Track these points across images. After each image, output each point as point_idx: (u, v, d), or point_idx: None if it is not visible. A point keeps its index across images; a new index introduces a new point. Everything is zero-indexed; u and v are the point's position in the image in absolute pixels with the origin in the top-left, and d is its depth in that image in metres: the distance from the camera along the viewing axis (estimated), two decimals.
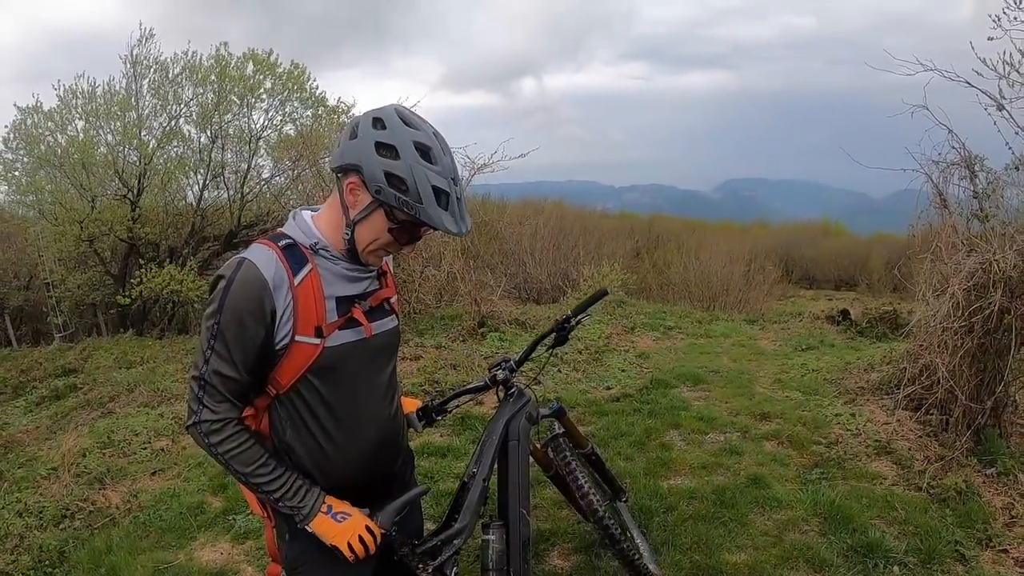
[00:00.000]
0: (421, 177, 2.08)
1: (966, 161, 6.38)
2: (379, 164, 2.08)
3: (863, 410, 6.92)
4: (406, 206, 2.09)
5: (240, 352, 2.13)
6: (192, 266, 13.42)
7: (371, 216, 2.18)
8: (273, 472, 2.22)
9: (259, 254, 2.16)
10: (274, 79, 14.66)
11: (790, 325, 11.92)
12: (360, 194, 2.16)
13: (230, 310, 2.10)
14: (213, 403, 2.15)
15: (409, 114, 2.19)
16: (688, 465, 5.94)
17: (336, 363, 2.27)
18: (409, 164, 2.08)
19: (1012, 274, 5.54)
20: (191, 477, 6.21)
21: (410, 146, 2.10)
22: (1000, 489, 5.32)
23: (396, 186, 2.08)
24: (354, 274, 2.32)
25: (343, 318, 2.27)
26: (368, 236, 2.21)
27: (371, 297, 2.38)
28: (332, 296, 2.26)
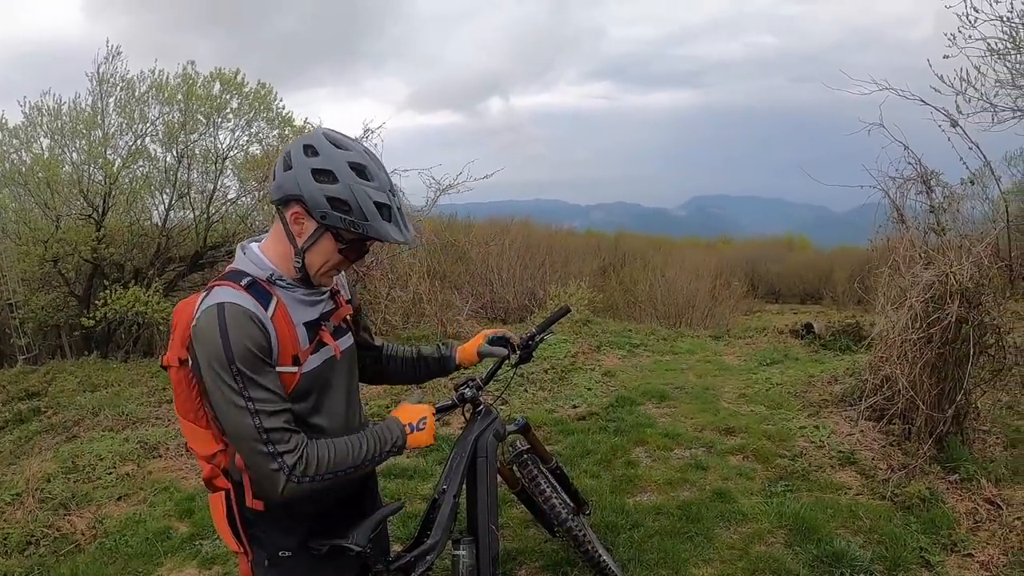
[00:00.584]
0: (362, 195, 2.14)
1: (922, 176, 6.51)
2: (319, 190, 2.12)
3: (827, 422, 6.97)
4: (353, 226, 2.15)
5: (272, 382, 2.14)
6: (157, 287, 13.27)
7: (319, 241, 2.22)
8: (362, 444, 2.32)
9: (228, 295, 2.16)
10: (241, 99, 14.58)
11: (755, 340, 11.97)
12: (305, 222, 2.20)
13: (241, 352, 2.08)
14: (288, 446, 2.13)
15: (338, 136, 2.24)
16: (654, 481, 5.95)
17: (312, 386, 2.32)
18: (348, 185, 2.13)
19: (969, 285, 5.64)
20: (156, 502, 6.14)
21: (345, 167, 2.15)
22: (964, 495, 5.38)
23: (340, 209, 2.14)
24: (311, 298, 2.35)
25: (313, 343, 2.31)
26: (319, 260, 2.25)
27: (332, 317, 2.43)
28: (300, 323, 2.29)
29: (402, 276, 11.59)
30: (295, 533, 2.42)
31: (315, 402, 2.34)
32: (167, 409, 8.48)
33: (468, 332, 10.97)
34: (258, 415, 2.09)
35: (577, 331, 11.86)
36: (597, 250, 27.78)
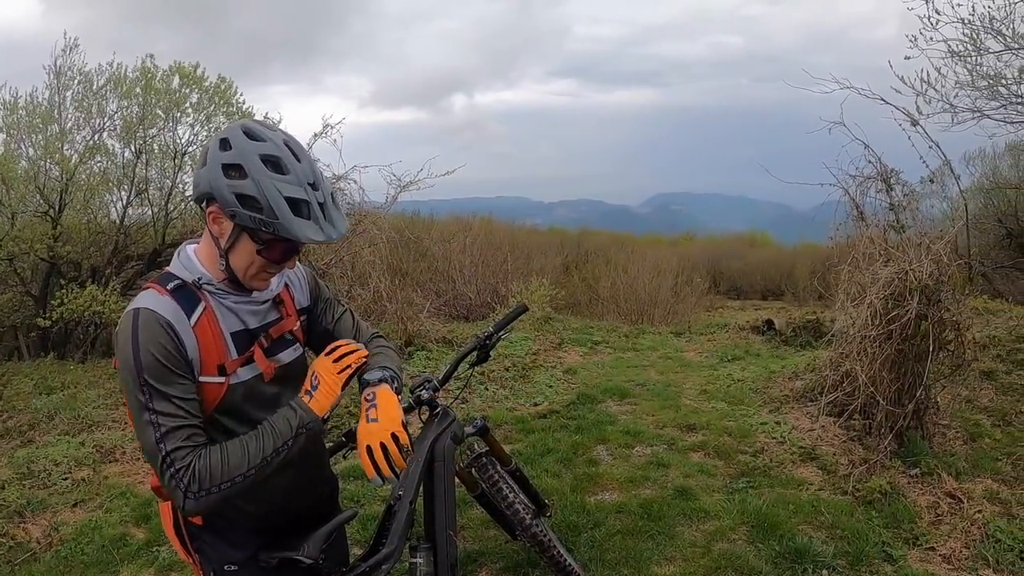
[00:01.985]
0: (271, 190, 1.98)
1: (882, 175, 6.57)
2: (228, 187, 1.99)
3: (788, 418, 7.01)
4: (264, 224, 1.99)
5: (181, 394, 2.02)
6: (115, 286, 13.03)
7: (238, 242, 2.08)
8: (259, 440, 2.10)
9: (149, 299, 2.07)
10: (200, 93, 14.34)
11: (716, 336, 12.01)
12: (222, 221, 2.07)
13: (149, 363, 1.98)
14: (184, 462, 2.00)
15: (256, 127, 2.10)
16: (615, 480, 5.92)
17: (243, 400, 2.20)
18: (256, 180, 1.98)
19: (928, 282, 5.68)
20: (113, 508, 6.02)
21: (256, 161, 2.00)
22: (925, 489, 5.43)
23: (249, 206, 1.99)
24: (246, 306, 2.23)
25: (245, 355, 2.20)
26: (242, 262, 2.12)
27: (272, 328, 2.31)
28: (229, 332, 2.18)
29: (362, 274, 11.48)
30: (243, 546, 2.32)
31: (247, 417, 2.21)
32: (123, 412, 8.34)
33: (429, 330, 10.90)
34: (159, 429, 1.98)
35: (538, 328, 11.84)
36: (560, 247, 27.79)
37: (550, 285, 14.88)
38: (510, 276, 17.08)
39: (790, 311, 15.73)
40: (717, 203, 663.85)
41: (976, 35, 7.88)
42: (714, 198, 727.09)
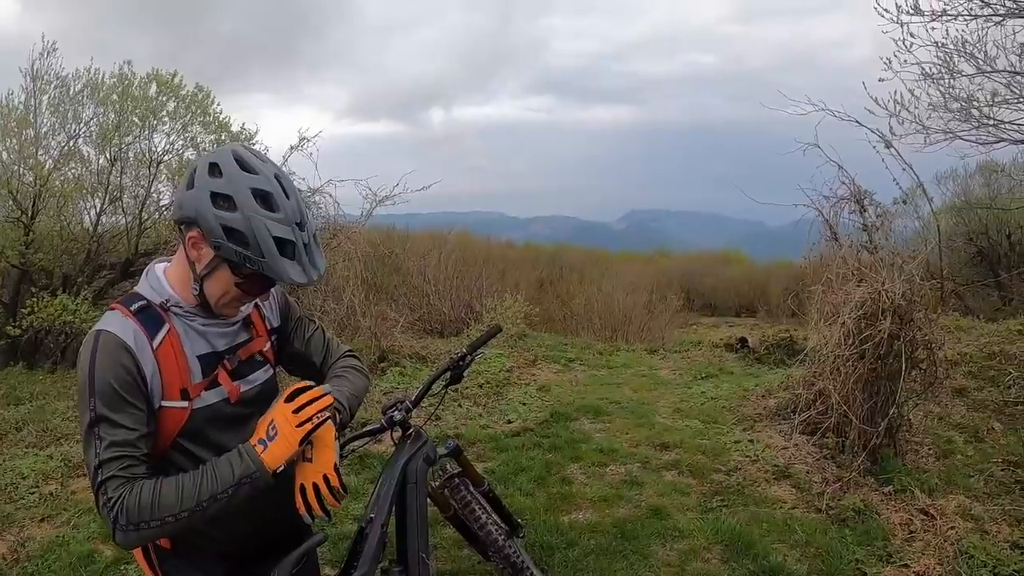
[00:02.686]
0: (261, 229, 1.95)
1: (856, 195, 6.63)
2: (216, 218, 1.95)
3: (761, 436, 7.02)
4: (249, 261, 1.96)
5: (131, 422, 1.97)
6: (86, 295, 12.87)
7: (216, 271, 2.05)
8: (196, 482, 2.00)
9: (112, 321, 2.04)
10: (177, 101, 14.21)
11: (690, 354, 12.04)
12: (203, 248, 2.03)
13: (102, 388, 1.94)
14: (116, 493, 1.93)
15: (248, 156, 2.06)
16: (589, 499, 5.90)
17: (207, 424, 2.15)
18: (247, 216, 1.94)
19: (900, 302, 5.74)
20: (81, 524, 5.91)
21: (247, 194, 1.96)
22: (898, 506, 5.46)
23: (236, 240, 1.95)
24: (214, 329, 2.19)
25: (209, 378, 2.16)
26: (217, 291, 2.09)
27: (240, 350, 2.27)
28: (195, 355, 2.13)
29: (336, 288, 11.43)
30: (211, 570, 2.28)
31: (212, 442, 2.16)
32: None
33: (403, 346, 10.86)
34: (98, 456, 1.94)
35: (513, 345, 11.83)
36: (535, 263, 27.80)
37: (525, 302, 14.87)
38: (484, 292, 17.05)
39: (764, 328, 15.81)
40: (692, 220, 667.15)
41: (949, 58, 7.97)
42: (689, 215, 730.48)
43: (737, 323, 26.35)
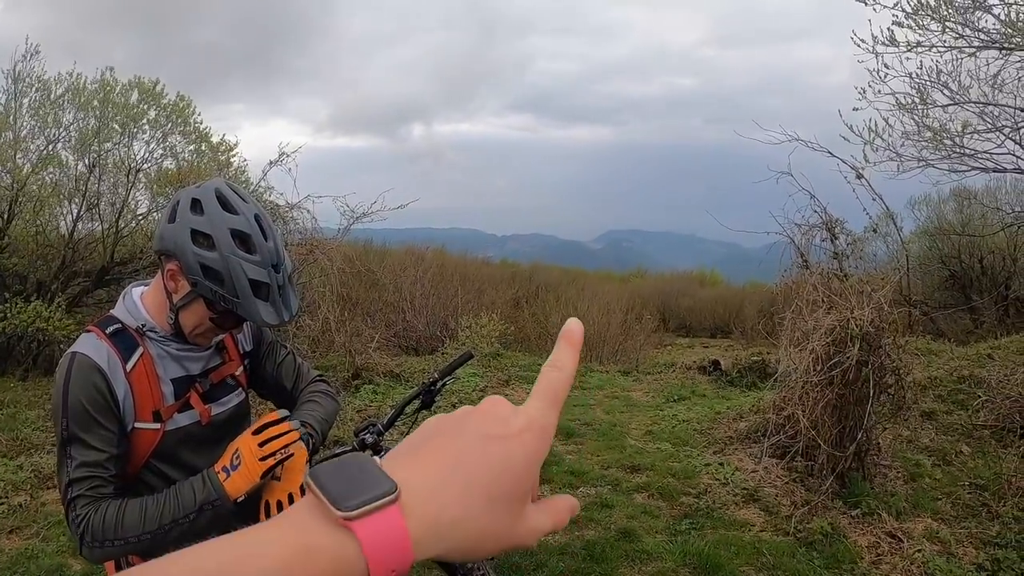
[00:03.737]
0: (237, 271, 1.97)
1: (827, 224, 6.72)
2: (195, 255, 1.97)
3: (732, 459, 7.06)
4: (223, 300, 1.99)
5: (101, 443, 2.00)
6: (60, 303, 12.72)
7: (192, 304, 2.08)
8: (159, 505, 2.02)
9: (86, 344, 2.06)
10: (159, 110, 14.10)
11: (663, 376, 12.08)
12: (180, 280, 2.05)
13: (75, 409, 1.97)
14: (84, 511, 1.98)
15: (231, 195, 2.07)
16: None
17: (179, 446, 2.18)
18: (225, 256, 1.97)
19: (869, 329, 5.80)
20: (51, 536, 5.86)
21: (227, 235, 1.98)
22: (865, 529, 5.53)
23: (212, 279, 1.98)
24: (188, 353, 2.22)
25: (181, 401, 2.18)
26: (191, 322, 2.11)
27: (212, 374, 2.29)
28: (168, 378, 2.16)
29: (312, 304, 11.40)
30: None
31: (185, 464, 2.19)
32: None
33: (377, 364, 10.83)
34: (69, 474, 1.98)
35: (487, 364, 11.82)
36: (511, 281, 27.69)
37: (500, 320, 14.86)
38: (460, 310, 17.01)
39: (737, 350, 15.88)
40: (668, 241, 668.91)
41: (923, 89, 8.09)
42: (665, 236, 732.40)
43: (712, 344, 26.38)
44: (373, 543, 0.57)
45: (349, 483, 0.60)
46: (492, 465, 0.65)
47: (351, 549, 0.57)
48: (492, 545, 0.66)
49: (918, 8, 7.68)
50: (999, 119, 7.98)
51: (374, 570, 0.57)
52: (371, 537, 0.58)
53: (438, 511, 0.61)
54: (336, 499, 0.58)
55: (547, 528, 0.71)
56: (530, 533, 0.68)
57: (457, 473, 0.64)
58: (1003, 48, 7.60)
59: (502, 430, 0.68)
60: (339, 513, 0.57)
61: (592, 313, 18.18)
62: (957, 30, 7.65)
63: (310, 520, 0.59)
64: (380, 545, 0.58)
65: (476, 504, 0.63)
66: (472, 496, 0.63)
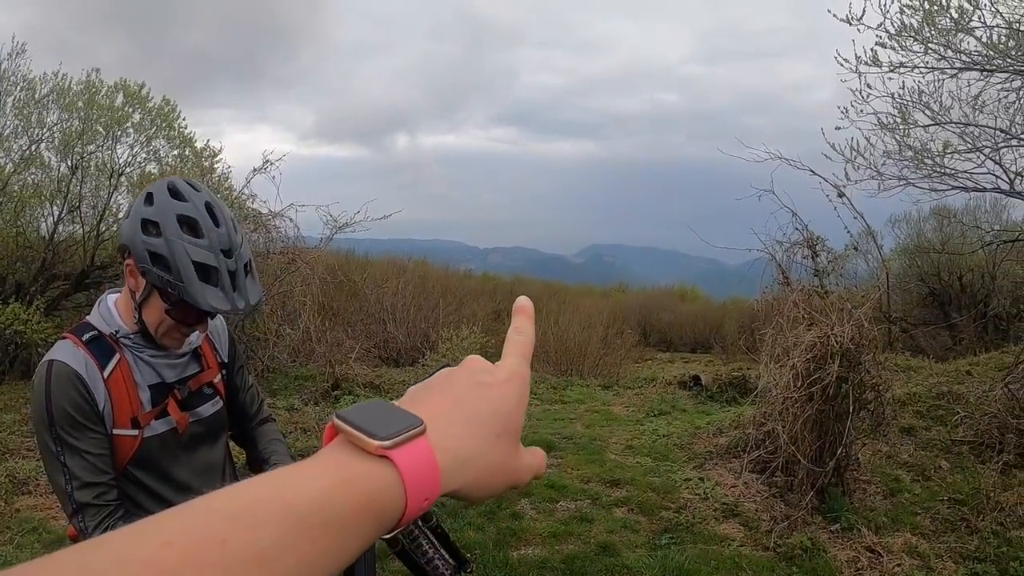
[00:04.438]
0: (180, 253, 1.94)
1: (808, 241, 6.77)
2: (143, 243, 1.95)
3: (711, 474, 7.06)
4: (170, 286, 1.95)
5: (94, 447, 2.00)
6: (39, 305, 12.57)
7: (150, 298, 2.05)
8: None
9: (63, 351, 2.05)
10: (143, 113, 13.99)
11: (644, 390, 12.10)
12: (137, 275, 2.04)
13: (62, 416, 1.96)
14: (95, 520, 1.98)
15: (182, 186, 2.05)
16: (538, 534, 5.90)
17: (157, 454, 2.17)
18: (169, 241, 1.94)
19: (849, 346, 5.83)
20: (24, 544, 5.76)
21: (172, 221, 1.96)
22: (845, 544, 5.55)
23: (159, 265, 1.95)
24: (163, 360, 2.19)
25: (158, 408, 2.16)
26: (153, 319, 2.09)
27: (190, 381, 2.27)
28: (145, 385, 2.14)
29: (292, 313, 11.35)
30: None
31: (162, 472, 2.18)
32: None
33: (357, 374, 10.78)
34: (71, 483, 1.97)
35: None
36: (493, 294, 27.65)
37: (481, 333, 14.83)
38: (441, 322, 16.98)
39: (718, 365, 15.92)
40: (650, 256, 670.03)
41: (905, 109, 8.17)
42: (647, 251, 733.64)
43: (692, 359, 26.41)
44: (409, 470, 0.61)
45: (378, 419, 0.64)
46: (490, 404, 0.72)
47: (389, 477, 0.61)
48: (500, 480, 0.73)
49: (901, 29, 7.76)
50: (979, 139, 8.06)
51: (411, 496, 0.61)
52: (407, 464, 0.61)
53: (456, 444, 0.67)
54: (371, 432, 0.61)
55: (535, 467, 0.79)
56: (526, 469, 0.77)
57: (461, 412, 0.70)
58: (984, 70, 7.68)
59: (490, 378, 0.76)
60: (376, 443, 0.61)
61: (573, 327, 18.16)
62: (939, 51, 7.73)
63: (345, 455, 0.62)
64: (415, 473, 0.62)
65: (484, 439, 0.70)
66: (479, 432, 0.70)
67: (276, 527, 0.53)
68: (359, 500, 0.58)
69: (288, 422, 8.55)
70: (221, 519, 0.52)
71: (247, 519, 0.53)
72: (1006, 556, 5.36)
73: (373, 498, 0.59)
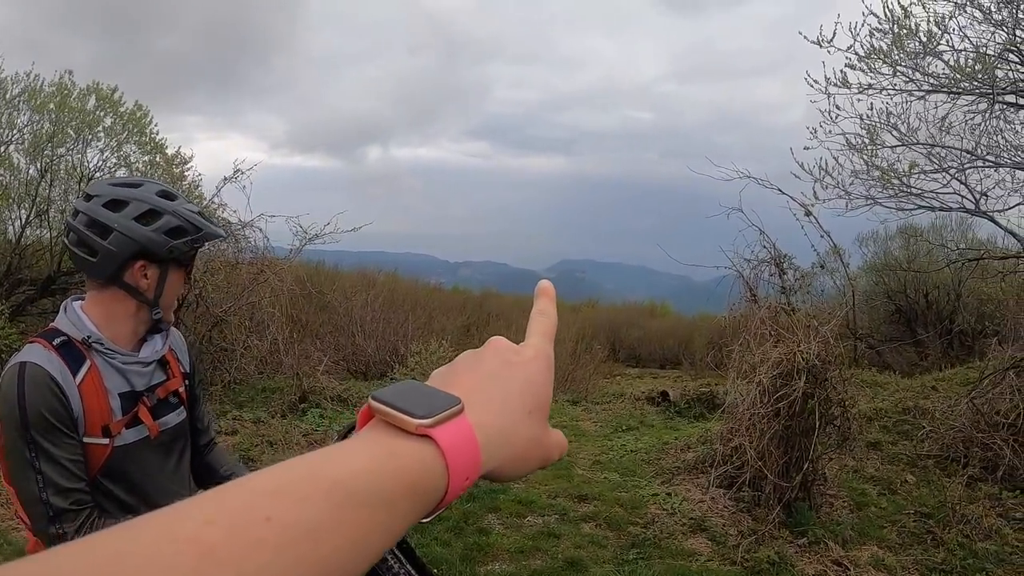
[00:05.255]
0: (187, 214, 2.12)
1: (775, 259, 6.84)
2: (154, 232, 2.06)
3: (679, 489, 7.07)
4: (196, 243, 2.16)
5: (68, 453, 1.96)
6: (3, 310, 12.37)
7: (169, 279, 2.16)
8: None
9: (35, 354, 2.00)
10: (115, 117, 13.78)
11: (612, 406, 12.10)
12: (150, 269, 2.10)
13: (36, 419, 1.92)
14: (73, 526, 1.95)
15: (121, 179, 2.25)
16: (506, 550, 5.87)
17: (127, 463, 2.12)
18: (173, 211, 2.09)
19: (816, 362, 5.89)
20: None
21: (159, 199, 2.10)
22: (812, 558, 5.60)
23: (180, 236, 2.10)
24: (134, 367, 2.17)
25: (129, 415, 2.12)
26: (171, 298, 2.21)
27: (158, 390, 2.24)
28: (115, 392, 2.10)
29: (260, 324, 11.25)
30: None
31: (131, 483, 2.14)
32: None
33: (324, 387, 10.68)
34: (46, 490, 1.92)
35: None
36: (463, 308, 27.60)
37: (450, 347, 14.79)
38: (410, 335, 16.90)
39: (687, 381, 15.96)
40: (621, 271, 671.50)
41: (873, 129, 8.28)
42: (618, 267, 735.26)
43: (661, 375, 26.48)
44: (452, 448, 0.61)
45: (415, 399, 0.63)
46: (520, 382, 0.72)
47: (430, 456, 0.60)
48: (535, 457, 0.73)
49: (871, 52, 7.88)
50: (946, 160, 8.18)
51: (453, 475, 0.61)
52: (449, 442, 0.61)
53: (493, 420, 0.67)
54: (410, 411, 0.61)
55: (562, 445, 0.78)
56: (556, 446, 0.77)
57: (495, 390, 0.70)
58: (951, 92, 7.81)
59: (517, 357, 0.75)
60: (417, 421, 0.60)
61: None
62: (908, 74, 7.86)
63: (385, 435, 0.61)
64: (457, 451, 0.62)
65: (517, 416, 0.70)
66: (512, 409, 0.70)
67: (325, 503, 0.53)
68: (404, 478, 0.58)
69: (255, 435, 8.45)
70: (265, 496, 0.52)
71: (293, 495, 0.53)
72: (972, 568, 5.46)
73: (417, 477, 0.59)
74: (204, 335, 10.26)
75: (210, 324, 10.46)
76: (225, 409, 9.20)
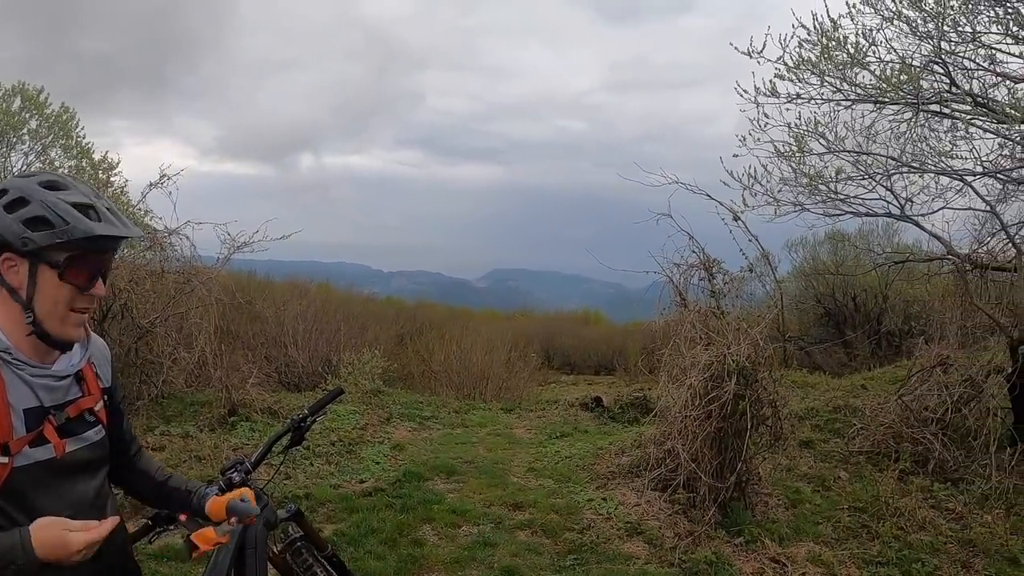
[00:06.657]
0: (55, 203, 1.90)
1: (705, 264, 6.94)
2: (14, 219, 1.88)
3: (615, 493, 7.07)
4: (58, 237, 1.89)
5: None
6: None
7: (39, 279, 1.93)
8: None
9: None
10: (41, 120, 13.45)
11: (546, 413, 12.09)
12: (18, 265, 1.93)
13: None
14: None
15: (26, 173, 2.10)
16: (441, 561, 5.78)
17: (28, 485, 1.96)
18: (40, 201, 1.90)
19: (746, 364, 5.98)
20: None
21: (35, 187, 1.93)
22: (749, 556, 5.69)
23: (40, 227, 1.89)
24: (43, 380, 2.02)
25: (33, 433, 1.97)
26: (48, 304, 1.96)
27: (70, 407, 2.09)
28: (20, 408, 1.95)
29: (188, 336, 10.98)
30: None
31: (32, 506, 1.96)
32: None
33: (254, 400, 10.48)
34: None
35: (367, 402, 11.59)
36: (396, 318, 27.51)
37: (383, 357, 14.68)
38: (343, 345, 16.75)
39: (620, 387, 16.05)
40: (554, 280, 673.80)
41: (801, 138, 8.41)
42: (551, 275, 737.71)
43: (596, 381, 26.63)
44: None
45: None
46: None
47: None
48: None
49: (800, 63, 8.01)
50: (872, 167, 8.35)
51: None
52: None
53: None
54: None
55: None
56: None
57: None
58: (877, 102, 7.99)
59: None
60: None
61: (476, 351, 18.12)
62: (835, 84, 8.01)
63: None
64: None
65: None
66: None
67: None
68: None
69: (183, 449, 8.24)
70: None
71: None
72: (907, 559, 5.61)
73: None
74: (130, 347, 10.00)
75: (136, 336, 10.18)
76: (153, 424, 8.97)
